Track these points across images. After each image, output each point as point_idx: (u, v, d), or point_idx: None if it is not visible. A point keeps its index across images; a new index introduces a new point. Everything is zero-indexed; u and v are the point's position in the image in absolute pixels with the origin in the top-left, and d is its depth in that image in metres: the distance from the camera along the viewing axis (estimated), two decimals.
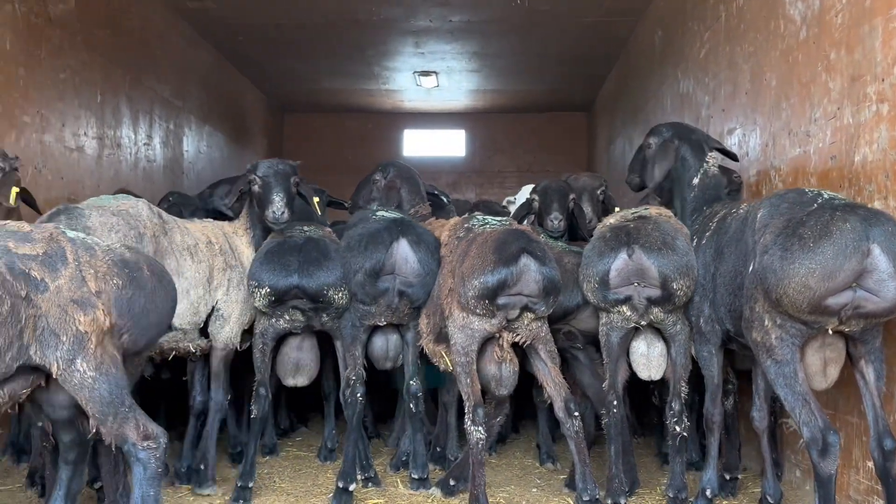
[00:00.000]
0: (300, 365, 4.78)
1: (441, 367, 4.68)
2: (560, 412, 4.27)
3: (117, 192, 5.24)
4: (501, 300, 4.12)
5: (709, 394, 4.31)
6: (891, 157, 3.72)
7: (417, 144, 15.24)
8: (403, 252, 4.51)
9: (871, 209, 3.46)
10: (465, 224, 4.64)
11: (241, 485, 4.43)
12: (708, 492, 4.27)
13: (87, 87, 7.00)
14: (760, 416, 4.18)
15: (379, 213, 4.82)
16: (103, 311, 3.21)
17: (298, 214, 4.96)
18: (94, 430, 3.29)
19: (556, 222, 5.20)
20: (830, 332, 3.47)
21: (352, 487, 4.40)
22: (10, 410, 4.14)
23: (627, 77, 10.36)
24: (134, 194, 4.90)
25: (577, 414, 4.26)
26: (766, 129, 5.22)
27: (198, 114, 10.13)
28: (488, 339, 4.28)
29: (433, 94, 13.18)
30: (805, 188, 3.91)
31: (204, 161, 10.28)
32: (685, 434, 4.34)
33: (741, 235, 3.91)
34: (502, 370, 4.33)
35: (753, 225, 3.75)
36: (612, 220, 4.41)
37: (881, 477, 3.47)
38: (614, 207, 5.68)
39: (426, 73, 11.97)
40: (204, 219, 5.35)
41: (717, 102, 6.30)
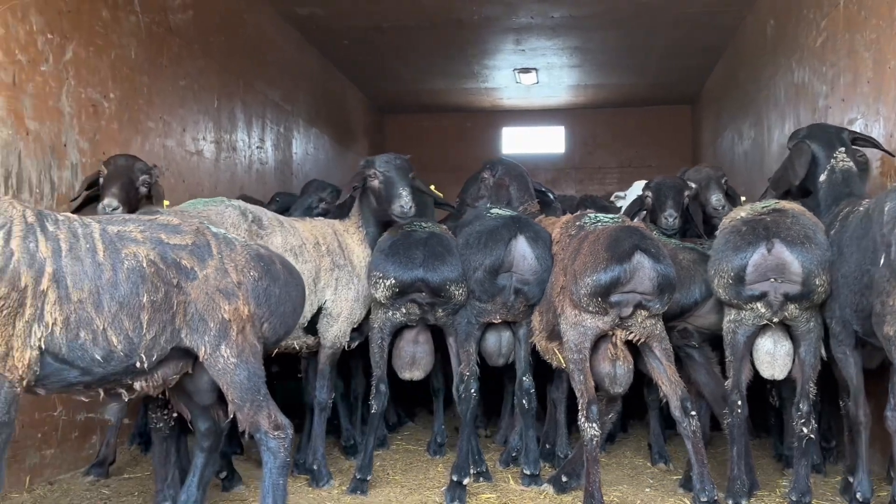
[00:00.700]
0: (416, 359, 4.85)
1: (553, 364, 4.69)
2: (676, 411, 4.20)
3: (238, 197, 5.45)
4: (614, 298, 4.10)
5: (851, 396, 4.15)
6: None
7: (516, 142, 15.22)
8: (521, 249, 4.54)
9: None
10: (577, 222, 4.62)
11: (360, 477, 4.56)
12: (859, 495, 4.06)
13: (204, 93, 7.32)
14: (894, 415, 3.98)
15: (494, 211, 4.86)
16: (243, 301, 3.41)
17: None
18: (227, 417, 3.52)
19: (671, 220, 5.12)
20: None
21: (465, 481, 4.45)
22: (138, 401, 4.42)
23: (736, 68, 10.07)
24: (253, 198, 5.09)
25: (693, 413, 4.18)
26: (890, 118, 4.98)
27: (305, 117, 10.43)
28: (602, 337, 4.25)
29: (532, 90, 13.15)
30: None
31: (311, 162, 10.57)
32: (812, 436, 4.20)
33: (865, 232, 3.76)
34: (616, 368, 4.30)
35: (881, 219, 3.60)
36: (742, 213, 4.28)
37: None
38: (740, 198, 5.54)
39: (526, 70, 11.95)
40: (315, 217, 5.48)
41: (836, 92, 6.06)
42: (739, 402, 4.24)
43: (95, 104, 5.54)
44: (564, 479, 4.56)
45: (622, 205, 6.50)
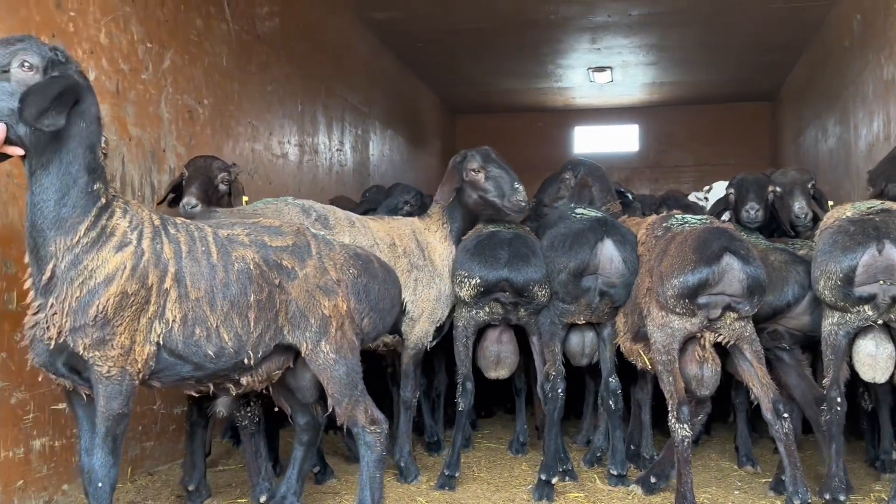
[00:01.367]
0: (501, 358, 4.89)
1: (639, 365, 4.67)
2: (768, 413, 4.15)
3: (333, 198, 5.57)
4: (702, 300, 4.07)
5: None
6: None
7: (589, 141, 15.13)
8: (608, 252, 4.52)
9: None
10: (664, 223, 4.59)
11: (448, 473, 4.64)
12: None
13: (289, 98, 7.52)
14: None
15: (579, 211, 4.87)
16: (343, 298, 3.56)
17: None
18: (327, 411, 3.64)
19: (752, 212, 5.03)
20: None
21: (554, 480, 4.48)
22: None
23: (819, 64, 9.83)
24: (347, 198, 5.19)
25: (786, 415, 4.13)
26: None
27: (382, 119, 10.60)
28: (690, 339, 4.23)
29: (606, 89, 13.07)
30: None
31: (387, 164, 10.74)
32: None
33: None
34: (703, 370, 4.26)
35: None
36: (848, 212, 4.17)
37: None
38: (827, 202, 5.42)
39: (600, 69, 11.89)
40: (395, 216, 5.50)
41: None
42: (839, 400, 4.13)
43: (191, 110, 5.77)
44: (653, 480, 4.55)
45: (706, 206, 6.42)
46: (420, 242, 4.98)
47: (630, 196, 6.29)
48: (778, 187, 5.30)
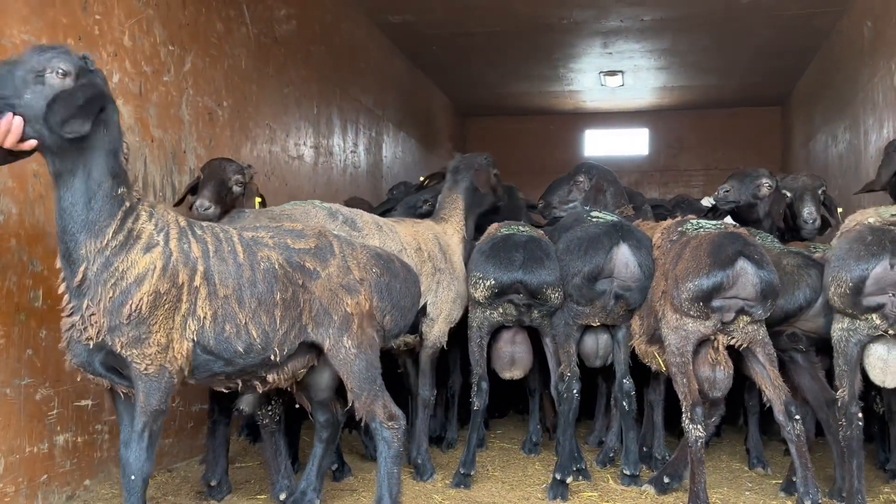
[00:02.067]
0: (515, 358, 4.95)
1: (653, 367, 4.73)
2: (780, 415, 4.21)
3: (349, 199, 5.66)
4: (716, 303, 4.13)
5: None
6: None
7: (599, 144, 15.18)
8: (624, 257, 4.58)
9: None
10: (679, 227, 4.65)
11: (464, 472, 4.70)
12: None
13: (305, 100, 7.60)
14: None
15: (594, 214, 4.93)
16: (365, 296, 3.67)
17: (504, 214, 5.19)
18: (347, 406, 3.76)
19: (721, 192, 5.39)
20: None
21: (568, 480, 4.54)
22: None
23: (830, 70, 9.87)
24: (362, 199, 5.28)
25: (798, 417, 4.18)
26: None
27: (394, 121, 10.69)
28: (703, 341, 4.29)
29: (617, 93, 13.12)
30: None
31: (399, 165, 10.81)
32: None
33: None
34: (716, 373, 4.32)
35: None
36: (870, 218, 4.17)
37: None
38: (837, 209, 5.48)
39: (612, 73, 11.95)
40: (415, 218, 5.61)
41: None
42: (859, 415, 4.12)
43: (211, 112, 5.85)
44: (666, 480, 4.61)
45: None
46: (441, 245, 5.12)
47: (641, 199, 6.36)
48: (788, 192, 5.36)
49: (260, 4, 6.64)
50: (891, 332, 4.03)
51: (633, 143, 15.13)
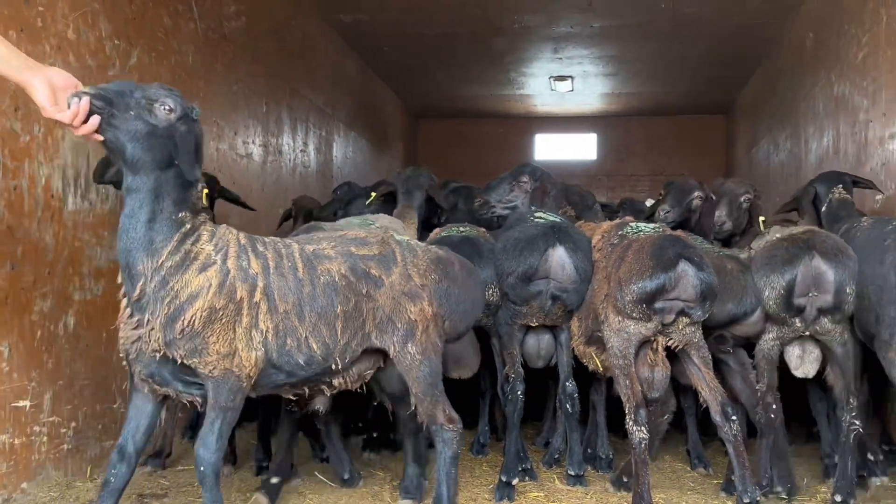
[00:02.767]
0: (460, 357, 4.97)
1: (590, 367, 4.80)
2: (717, 416, 4.30)
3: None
4: (658, 304, 4.20)
5: None
6: None
7: (549, 148, 15.35)
8: (560, 259, 4.61)
9: None
10: (619, 231, 4.71)
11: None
12: None
13: (254, 97, 7.53)
14: None
15: (539, 215, 4.97)
16: (428, 302, 3.78)
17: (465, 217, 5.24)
18: (412, 408, 3.90)
19: (662, 213, 5.59)
20: None
21: (514, 481, 4.57)
22: None
23: (773, 80, 10.14)
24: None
25: (734, 418, 4.28)
26: None
27: (345, 121, 10.64)
28: (643, 343, 4.37)
29: (566, 98, 13.27)
30: None
31: (350, 166, 10.77)
32: (861, 430, 4.49)
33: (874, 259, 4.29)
34: (654, 373, 4.40)
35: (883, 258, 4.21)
36: (777, 234, 4.64)
37: None
38: (759, 217, 5.69)
39: (561, 78, 12.08)
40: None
41: (878, 107, 6.14)
42: (774, 406, 4.58)
43: None
44: (625, 479, 4.68)
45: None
46: None
47: (592, 200, 6.47)
48: (714, 195, 5.69)
49: (208, 0, 6.56)
50: (807, 333, 4.45)
51: (581, 148, 15.33)
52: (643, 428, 4.20)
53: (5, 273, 4.21)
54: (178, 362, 3.27)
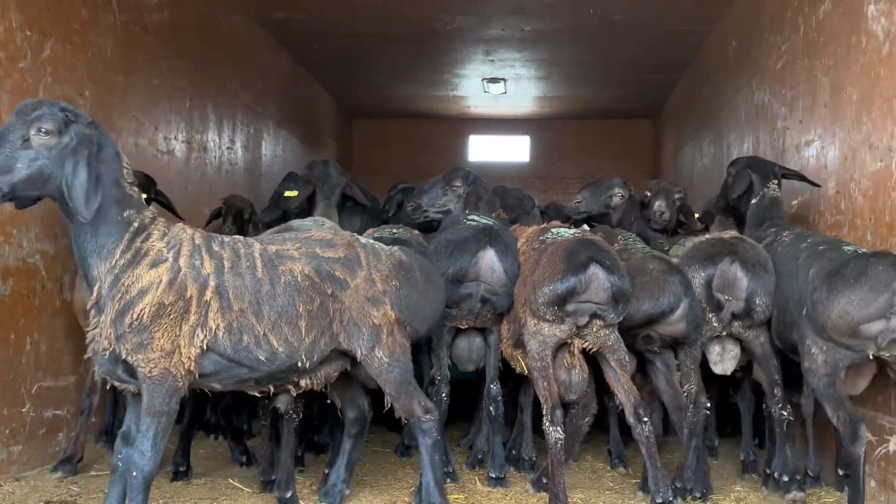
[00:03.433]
0: None
1: (517, 370, 4.83)
2: (630, 417, 4.38)
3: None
4: (570, 307, 4.25)
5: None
6: None
7: (482, 150, 15.40)
8: (490, 261, 4.65)
9: None
10: (541, 235, 4.76)
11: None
12: None
13: (177, 93, 7.35)
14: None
15: (472, 218, 4.98)
16: (390, 307, 3.83)
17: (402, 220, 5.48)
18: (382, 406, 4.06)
19: (573, 204, 6.03)
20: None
21: None
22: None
23: (698, 86, 10.37)
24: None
25: (646, 419, 4.36)
26: (845, 142, 5.24)
27: (275, 119, 10.48)
28: (561, 346, 4.41)
29: (500, 100, 13.34)
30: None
31: (280, 164, 10.60)
32: (792, 418, 4.75)
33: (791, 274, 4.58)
34: (571, 376, 4.47)
35: (805, 276, 4.41)
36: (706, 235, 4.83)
37: None
38: (694, 215, 5.84)
39: (494, 80, 12.13)
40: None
41: (795, 114, 6.32)
42: (707, 404, 4.75)
43: (71, 101, 5.51)
44: (544, 480, 4.70)
45: None
46: None
47: (531, 203, 6.55)
48: (649, 192, 5.96)
49: None
50: (724, 332, 4.69)
51: (515, 150, 15.44)
52: (559, 428, 4.25)
53: None
54: (123, 358, 3.34)
